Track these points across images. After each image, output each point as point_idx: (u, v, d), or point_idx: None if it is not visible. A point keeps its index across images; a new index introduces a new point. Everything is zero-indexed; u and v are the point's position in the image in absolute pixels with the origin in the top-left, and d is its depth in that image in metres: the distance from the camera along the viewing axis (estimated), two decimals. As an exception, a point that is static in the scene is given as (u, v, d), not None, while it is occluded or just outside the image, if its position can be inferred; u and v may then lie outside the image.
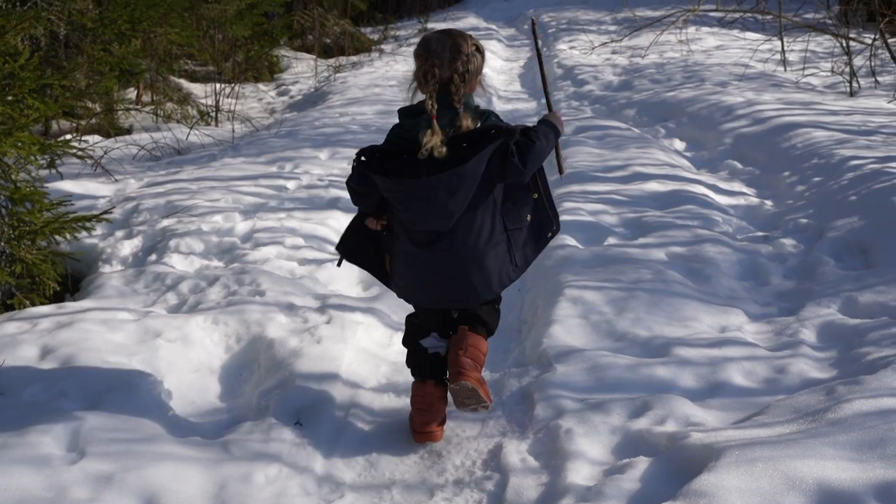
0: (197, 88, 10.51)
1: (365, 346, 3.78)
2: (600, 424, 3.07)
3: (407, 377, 3.34)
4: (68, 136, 6.03)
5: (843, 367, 3.47)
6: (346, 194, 5.56)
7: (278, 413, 3.23)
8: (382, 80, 11.03)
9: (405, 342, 3.25)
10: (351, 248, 3.19)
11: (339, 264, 3.36)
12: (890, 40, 8.98)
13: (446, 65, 2.89)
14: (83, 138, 6.51)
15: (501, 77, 11.40)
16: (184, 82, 10.60)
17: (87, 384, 3.22)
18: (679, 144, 7.44)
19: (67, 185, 5.85)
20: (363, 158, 2.94)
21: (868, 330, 3.69)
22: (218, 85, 9.40)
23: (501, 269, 3.02)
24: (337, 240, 4.52)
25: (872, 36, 9.42)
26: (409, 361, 3.23)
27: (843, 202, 5.20)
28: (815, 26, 10.24)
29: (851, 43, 8.77)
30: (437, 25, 16.10)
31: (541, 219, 3.10)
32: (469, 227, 2.94)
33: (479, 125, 2.92)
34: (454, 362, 3.01)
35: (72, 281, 4.82)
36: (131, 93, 9.78)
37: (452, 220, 2.91)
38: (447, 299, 3.09)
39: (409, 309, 3.29)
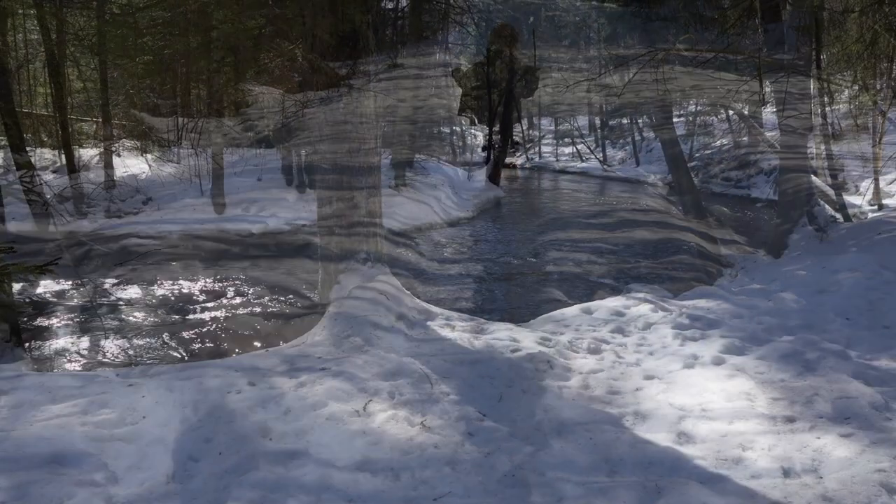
0: (159, 123, 10.08)
1: (338, 416, 3.38)
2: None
3: (385, 454, 3.12)
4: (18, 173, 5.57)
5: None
6: (316, 240, 5.23)
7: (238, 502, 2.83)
8: (352, 117, 10.63)
9: None
10: None
11: None
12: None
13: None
14: (35, 174, 6.05)
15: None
16: (146, 116, 10.18)
17: (17, 468, 2.79)
18: (662, 189, 7.17)
19: (12, 228, 5.40)
20: None
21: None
22: (181, 119, 9.00)
23: None
24: (305, 291, 4.23)
25: (848, 77, 9.29)
26: None
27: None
28: (793, 68, 10.08)
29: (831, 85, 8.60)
30: (407, 61, 15.82)
31: None
32: None
33: None
34: None
35: (14, 334, 4.36)
36: (90, 127, 9.34)
37: None
38: None
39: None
